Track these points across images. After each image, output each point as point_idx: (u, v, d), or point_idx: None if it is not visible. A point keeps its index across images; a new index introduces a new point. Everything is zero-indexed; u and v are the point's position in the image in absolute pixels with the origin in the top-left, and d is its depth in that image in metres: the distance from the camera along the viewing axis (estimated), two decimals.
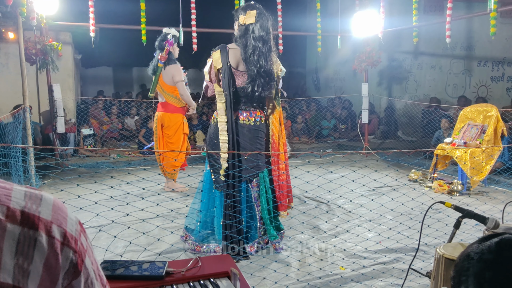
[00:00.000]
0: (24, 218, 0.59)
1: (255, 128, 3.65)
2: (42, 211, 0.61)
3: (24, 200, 0.61)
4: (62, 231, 0.62)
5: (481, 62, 10.50)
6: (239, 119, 3.64)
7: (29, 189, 0.64)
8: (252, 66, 3.52)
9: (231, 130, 3.58)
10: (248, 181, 3.64)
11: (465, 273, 0.89)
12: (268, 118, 3.77)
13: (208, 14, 10.27)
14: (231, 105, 3.58)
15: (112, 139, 9.57)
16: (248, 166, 3.57)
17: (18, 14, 5.71)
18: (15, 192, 0.61)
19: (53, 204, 0.64)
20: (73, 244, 0.63)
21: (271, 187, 3.73)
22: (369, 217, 4.27)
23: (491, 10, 5.45)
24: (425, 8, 10.29)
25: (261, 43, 3.55)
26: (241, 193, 3.59)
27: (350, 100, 11.73)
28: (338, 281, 3.15)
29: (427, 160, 7.30)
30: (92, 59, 13.62)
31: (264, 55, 3.54)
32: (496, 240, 0.89)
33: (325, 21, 8.21)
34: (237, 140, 3.61)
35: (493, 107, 5.84)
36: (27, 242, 0.58)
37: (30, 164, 5.88)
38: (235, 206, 3.55)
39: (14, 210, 0.58)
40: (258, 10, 3.61)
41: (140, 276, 1.60)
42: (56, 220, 0.62)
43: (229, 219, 3.53)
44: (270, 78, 3.60)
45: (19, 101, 6.87)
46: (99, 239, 3.76)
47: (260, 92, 3.55)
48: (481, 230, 3.68)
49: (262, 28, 3.56)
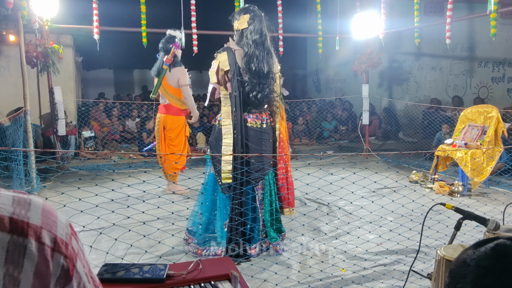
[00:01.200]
0: (13, 225, 0.57)
1: (261, 130, 3.66)
2: (31, 217, 0.59)
3: (12, 206, 0.59)
4: (52, 237, 0.61)
5: (482, 63, 10.50)
6: (246, 122, 3.63)
7: (17, 193, 0.62)
8: (247, 70, 3.55)
9: (240, 132, 3.55)
10: (253, 183, 3.65)
11: (461, 280, 0.87)
12: (275, 120, 3.78)
13: (209, 16, 10.28)
14: (241, 106, 3.56)
15: (113, 141, 9.57)
16: (254, 169, 3.58)
17: (19, 17, 5.73)
18: (2, 198, 0.59)
19: (43, 208, 0.62)
20: (63, 250, 0.62)
21: (275, 189, 3.74)
22: (370, 219, 4.27)
23: (491, 11, 5.45)
24: (425, 9, 10.30)
25: (255, 46, 3.55)
26: (247, 196, 3.59)
27: (350, 102, 11.73)
28: (339, 283, 3.15)
29: (427, 161, 7.30)
30: (93, 61, 13.65)
31: (260, 59, 3.55)
32: (492, 245, 0.87)
33: (325, 23, 8.22)
34: (245, 144, 3.60)
35: (493, 108, 5.84)
36: (17, 250, 0.56)
37: (31, 167, 5.88)
38: (241, 209, 3.55)
39: (2, 217, 0.56)
40: (252, 14, 3.61)
41: (141, 279, 1.60)
42: (46, 225, 0.60)
43: (235, 221, 3.53)
44: (266, 80, 3.60)
45: (20, 103, 6.88)
46: (99, 242, 3.76)
47: (256, 95, 3.56)
48: (482, 231, 3.67)
49: (255, 31, 3.57)
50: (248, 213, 3.61)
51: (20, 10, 5.60)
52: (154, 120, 9.23)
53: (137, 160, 8.23)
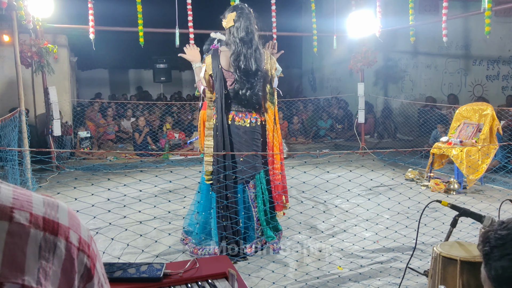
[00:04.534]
0: (46, 223, 0.62)
1: (251, 129, 3.65)
2: (60, 218, 0.64)
3: (43, 206, 0.63)
4: (78, 237, 0.66)
5: (477, 61, 10.53)
6: (234, 121, 3.64)
7: (46, 196, 0.67)
8: (235, 68, 3.56)
9: (222, 132, 3.58)
10: (244, 182, 3.64)
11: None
12: (265, 119, 3.77)
13: (205, 15, 10.26)
14: (222, 108, 3.59)
15: (109, 141, 9.55)
16: (244, 168, 3.57)
17: (13, 17, 5.70)
18: (34, 199, 0.63)
19: (68, 211, 0.67)
20: (86, 250, 0.67)
21: (268, 188, 3.73)
22: (366, 217, 4.28)
23: (485, 9, 5.47)
24: (420, 7, 10.32)
25: (242, 44, 3.56)
26: (235, 195, 3.59)
27: (346, 100, 11.75)
28: (336, 281, 3.16)
29: (423, 159, 7.33)
30: (88, 61, 13.59)
31: (248, 56, 3.54)
32: None
33: (320, 21, 8.22)
34: (230, 141, 3.62)
35: (488, 106, 5.87)
36: (48, 246, 0.61)
37: (26, 167, 5.86)
38: (229, 208, 3.55)
39: (36, 216, 0.61)
40: (238, 11, 3.61)
41: (138, 278, 1.60)
42: (72, 226, 0.65)
43: (224, 220, 3.54)
44: (256, 78, 3.59)
45: (14, 104, 6.85)
46: (96, 242, 3.74)
47: (245, 93, 3.56)
48: (477, 228, 3.69)
49: (241, 28, 3.57)
50: (240, 212, 3.61)
51: (15, 10, 5.57)
52: (144, 117, 9.24)
53: (133, 160, 8.21)
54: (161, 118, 10.10)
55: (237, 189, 3.61)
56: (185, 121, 9.96)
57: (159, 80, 13.33)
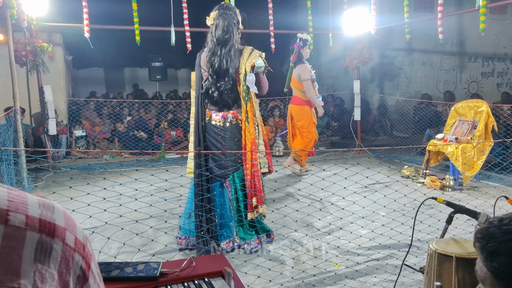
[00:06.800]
0: (42, 225, 0.61)
1: (224, 129, 3.67)
2: (56, 219, 0.63)
3: (39, 208, 0.62)
4: (73, 238, 0.65)
5: (472, 58, 10.56)
6: (211, 120, 3.70)
7: (41, 197, 0.66)
8: (208, 67, 3.60)
9: (197, 131, 3.67)
10: (224, 180, 3.67)
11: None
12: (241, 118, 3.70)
13: (200, 13, 10.24)
14: (198, 107, 3.68)
15: (105, 140, 9.52)
16: (215, 166, 3.59)
17: (7, 15, 5.66)
18: (30, 200, 0.63)
19: (63, 212, 0.66)
20: (82, 251, 0.66)
21: (241, 186, 3.68)
22: (362, 214, 4.29)
23: (480, 7, 5.49)
24: (415, 5, 10.33)
25: (217, 43, 3.58)
26: (209, 192, 3.61)
27: (342, 98, 11.76)
28: (332, 278, 3.17)
29: (419, 156, 7.35)
30: (84, 60, 13.52)
31: (221, 56, 3.55)
32: None
33: (316, 19, 8.22)
34: (205, 139, 3.69)
35: (483, 103, 5.89)
36: (44, 248, 0.60)
37: (22, 167, 5.84)
38: (202, 206, 3.58)
39: (32, 218, 0.60)
40: (220, 10, 3.62)
41: (135, 277, 1.60)
42: (68, 227, 0.65)
43: (200, 217, 3.57)
44: (226, 78, 3.58)
45: (9, 103, 6.81)
46: (92, 241, 3.75)
47: (214, 92, 3.60)
48: (473, 225, 3.71)
49: (219, 28, 3.58)
50: (216, 209, 3.63)
51: (9, 8, 5.54)
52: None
53: (129, 159, 8.19)
54: (157, 117, 10.09)
55: (213, 187, 3.63)
56: (181, 119, 9.95)
57: (155, 79, 13.30)
